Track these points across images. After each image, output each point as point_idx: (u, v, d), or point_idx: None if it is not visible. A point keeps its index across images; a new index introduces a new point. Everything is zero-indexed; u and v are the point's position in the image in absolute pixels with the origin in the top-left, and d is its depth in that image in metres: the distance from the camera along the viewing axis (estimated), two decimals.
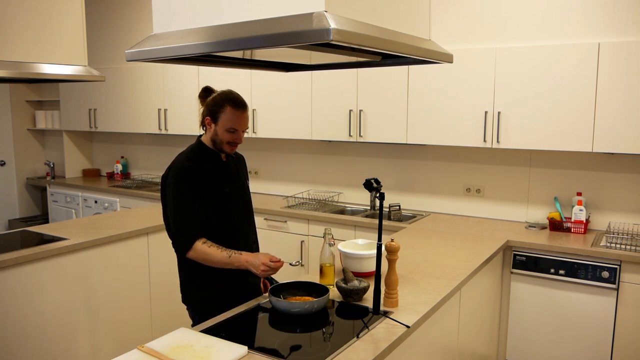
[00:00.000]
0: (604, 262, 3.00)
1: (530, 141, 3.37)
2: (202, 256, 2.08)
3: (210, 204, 2.14)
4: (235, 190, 2.25)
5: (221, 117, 2.12)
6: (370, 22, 1.64)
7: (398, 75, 3.77)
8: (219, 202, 2.17)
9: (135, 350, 1.66)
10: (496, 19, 3.65)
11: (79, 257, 3.10)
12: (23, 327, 2.84)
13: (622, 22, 3.25)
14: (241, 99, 2.16)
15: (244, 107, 2.15)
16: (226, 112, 2.12)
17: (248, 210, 2.35)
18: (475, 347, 2.91)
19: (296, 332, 1.87)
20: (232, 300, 2.16)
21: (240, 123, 2.14)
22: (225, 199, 2.19)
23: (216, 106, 2.14)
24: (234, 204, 2.24)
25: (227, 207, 2.20)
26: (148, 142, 5.86)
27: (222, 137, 2.14)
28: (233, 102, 2.13)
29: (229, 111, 2.12)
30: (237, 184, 2.27)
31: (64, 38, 2.95)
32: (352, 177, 4.47)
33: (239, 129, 2.14)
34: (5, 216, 6.32)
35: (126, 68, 5.42)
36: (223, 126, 2.13)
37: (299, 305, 1.95)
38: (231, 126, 2.12)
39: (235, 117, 2.12)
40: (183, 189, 2.09)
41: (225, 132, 2.13)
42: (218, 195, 2.17)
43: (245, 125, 2.16)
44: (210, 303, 2.19)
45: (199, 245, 2.07)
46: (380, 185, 1.97)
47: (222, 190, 2.18)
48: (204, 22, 1.69)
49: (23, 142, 6.44)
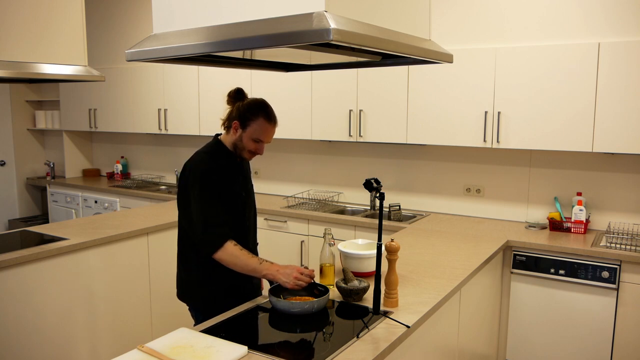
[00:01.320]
0: (604, 262, 3.00)
1: (530, 141, 3.37)
2: (231, 258, 2.04)
3: (230, 205, 2.14)
4: (248, 193, 2.27)
5: (251, 126, 2.11)
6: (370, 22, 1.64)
7: (398, 75, 3.77)
8: (237, 204, 2.18)
9: (135, 350, 1.66)
10: (496, 18, 3.65)
11: (79, 257, 3.10)
12: (23, 327, 2.84)
13: (622, 22, 3.25)
14: (274, 113, 2.16)
15: (276, 122, 2.16)
16: (258, 122, 2.11)
17: (255, 212, 2.36)
18: (475, 347, 2.91)
19: (296, 332, 1.87)
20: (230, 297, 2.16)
21: (268, 136, 2.15)
22: (242, 201, 2.21)
23: (249, 113, 2.12)
24: (247, 206, 2.25)
25: (243, 209, 2.22)
26: (148, 142, 5.86)
27: (246, 144, 2.14)
28: (267, 114, 2.12)
29: (261, 122, 2.11)
30: (249, 186, 2.30)
31: (64, 38, 2.95)
32: (352, 177, 4.47)
33: (265, 141, 2.15)
34: (5, 216, 6.32)
35: (126, 68, 5.42)
36: (250, 135, 2.12)
37: (299, 305, 1.95)
38: (259, 137, 2.13)
39: (265, 130, 2.12)
40: (210, 189, 2.07)
41: (250, 140, 2.13)
42: (236, 197, 2.18)
43: (271, 139, 2.17)
44: (212, 300, 2.19)
45: (230, 246, 2.04)
46: (380, 185, 1.97)
47: (239, 192, 2.20)
48: (204, 22, 1.69)
49: (23, 142, 6.44)
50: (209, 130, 4.78)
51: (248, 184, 2.30)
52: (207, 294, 2.21)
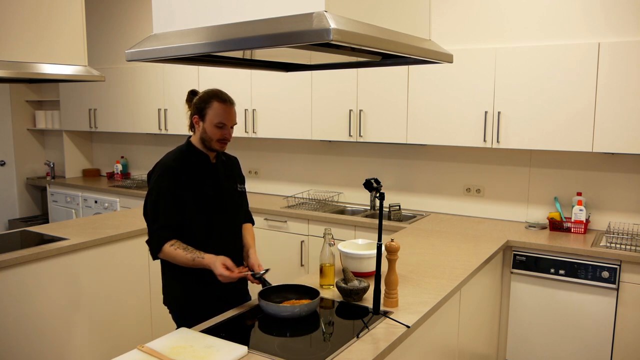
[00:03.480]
0: (604, 262, 3.00)
1: (530, 141, 3.37)
2: (169, 258, 2.08)
3: (189, 205, 2.09)
4: (221, 193, 2.20)
5: (208, 113, 2.10)
6: (370, 22, 1.64)
7: (398, 75, 3.77)
8: (198, 204, 2.12)
9: (135, 350, 1.66)
10: (496, 18, 3.65)
11: (79, 257, 3.10)
12: (23, 327, 2.84)
13: (622, 22, 3.25)
14: (227, 95, 2.14)
15: (231, 102, 2.14)
16: (213, 107, 2.09)
17: (234, 214, 2.27)
18: (475, 347, 2.91)
19: (296, 332, 1.87)
20: (213, 304, 2.12)
21: (228, 117, 2.11)
22: (205, 202, 2.14)
23: (203, 103, 2.12)
24: (216, 207, 2.17)
25: (207, 210, 2.14)
26: (148, 142, 5.86)
27: (210, 134, 2.11)
28: (219, 96, 2.11)
29: (216, 105, 2.09)
30: (223, 186, 2.21)
31: (64, 38, 2.95)
32: (352, 177, 4.47)
33: (227, 123, 2.11)
34: (5, 216, 6.32)
35: (126, 68, 5.42)
36: (211, 122, 2.10)
37: (289, 309, 1.92)
38: (219, 121, 2.09)
39: (223, 111, 2.10)
40: (162, 189, 2.09)
41: (213, 128, 2.10)
42: (198, 198, 2.12)
43: (233, 121, 2.14)
44: (189, 306, 2.17)
45: (167, 247, 2.06)
46: (380, 185, 1.97)
47: (203, 192, 2.14)
48: (204, 22, 1.69)
49: (23, 142, 6.44)
50: None
51: (221, 183, 2.21)
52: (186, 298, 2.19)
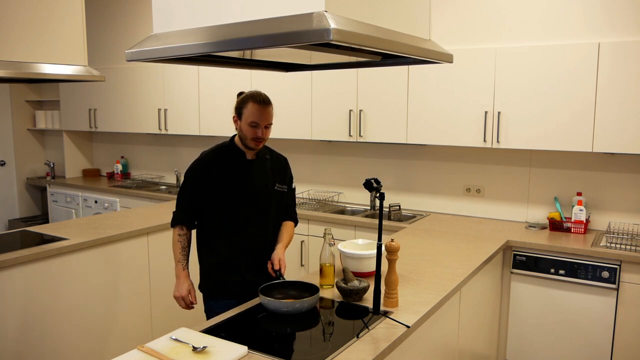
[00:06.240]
0: (604, 262, 3.00)
1: (530, 141, 3.37)
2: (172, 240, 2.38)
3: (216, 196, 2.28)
4: (251, 189, 2.32)
5: (244, 113, 2.24)
6: (370, 22, 1.64)
7: (398, 75, 3.77)
8: (225, 197, 2.28)
9: (135, 350, 1.66)
10: (496, 19, 3.65)
11: (79, 257, 3.10)
12: (23, 327, 2.84)
13: (622, 22, 3.25)
14: (264, 96, 2.26)
15: (266, 103, 2.25)
16: (248, 107, 2.23)
17: (262, 210, 2.36)
18: (475, 347, 2.91)
19: (296, 331, 1.88)
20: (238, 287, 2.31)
21: (262, 117, 2.23)
22: (232, 195, 2.29)
23: (240, 103, 2.27)
24: (243, 201, 2.30)
25: (233, 203, 2.29)
26: (148, 142, 5.86)
27: (245, 132, 2.25)
28: (254, 97, 2.25)
29: (251, 106, 2.23)
30: (255, 182, 2.33)
31: (64, 38, 2.95)
32: (352, 177, 4.47)
33: (260, 123, 2.23)
34: (5, 216, 6.32)
35: (126, 68, 5.42)
36: (246, 121, 2.23)
37: (290, 304, 1.97)
38: (253, 120, 2.22)
39: (256, 111, 2.22)
40: (187, 180, 2.34)
41: (248, 126, 2.23)
42: (226, 190, 2.28)
43: (268, 121, 2.25)
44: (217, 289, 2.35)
45: (176, 231, 2.36)
46: (380, 185, 1.97)
47: (232, 186, 2.28)
48: (204, 22, 1.69)
49: (23, 142, 6.44)
50: (209, 130, 4.78)
51: (255, 181, 2.33)
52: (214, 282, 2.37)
